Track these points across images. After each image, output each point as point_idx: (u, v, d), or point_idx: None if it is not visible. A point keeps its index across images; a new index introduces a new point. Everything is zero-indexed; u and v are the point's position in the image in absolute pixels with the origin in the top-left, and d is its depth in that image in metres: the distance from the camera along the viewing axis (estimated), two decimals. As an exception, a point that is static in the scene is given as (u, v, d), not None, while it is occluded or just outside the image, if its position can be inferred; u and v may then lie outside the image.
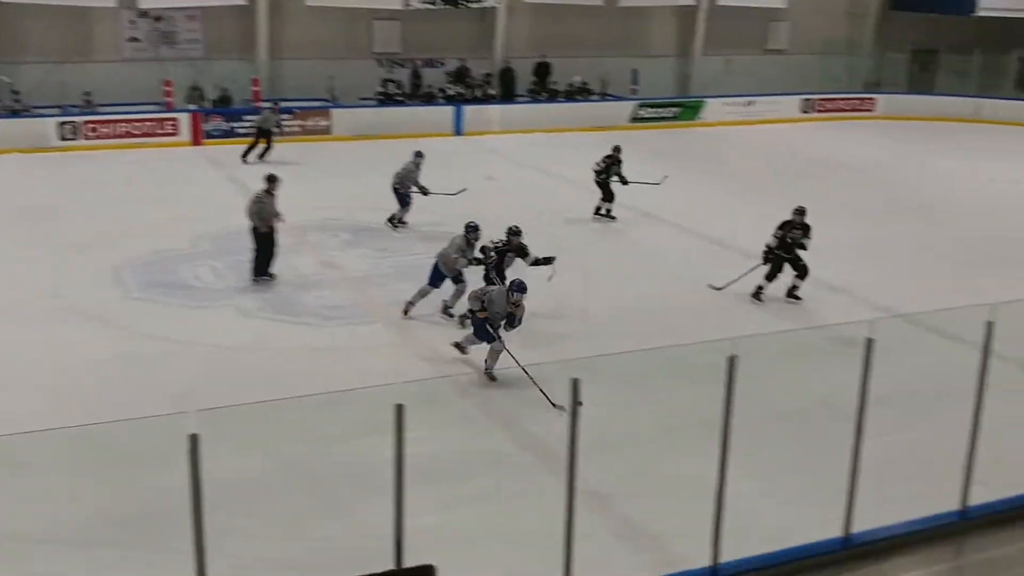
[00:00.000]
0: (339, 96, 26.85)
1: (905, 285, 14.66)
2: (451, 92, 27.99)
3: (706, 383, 7.40)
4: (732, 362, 6.80)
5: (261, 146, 22.75)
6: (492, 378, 10.93)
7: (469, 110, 27.18)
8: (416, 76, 28.13)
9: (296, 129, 24.14)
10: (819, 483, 8.43)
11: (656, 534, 8.27)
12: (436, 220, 17.14)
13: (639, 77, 30.00)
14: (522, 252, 12.92)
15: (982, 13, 31.25)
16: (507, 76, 28.81)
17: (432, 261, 13.04)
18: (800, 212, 13.98)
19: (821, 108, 31.21)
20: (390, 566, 6.17)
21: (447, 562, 6.42)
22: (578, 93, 29.24)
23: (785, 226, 13.92)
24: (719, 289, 14.11)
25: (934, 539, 7.88)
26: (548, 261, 12.95)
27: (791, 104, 30.78)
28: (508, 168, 22.93)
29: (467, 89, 28.11)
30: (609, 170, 18.28)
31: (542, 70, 29.18)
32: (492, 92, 28.53)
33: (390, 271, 15.14)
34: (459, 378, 11.12)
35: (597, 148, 25.28)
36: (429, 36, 28.21)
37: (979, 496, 8.19)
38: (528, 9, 29.00)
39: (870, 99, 32.04)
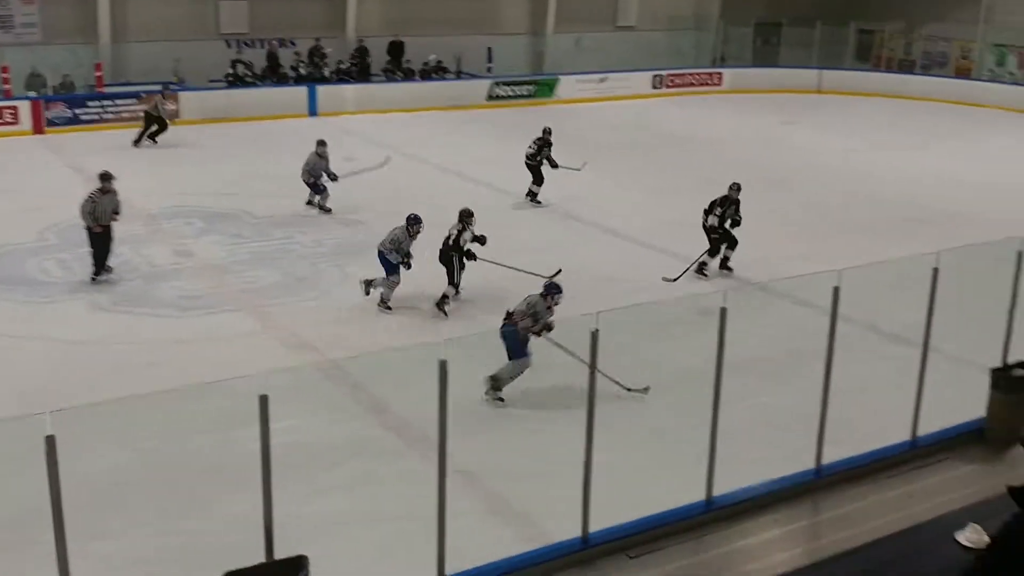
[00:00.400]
0: (186, 79, 26.09)
1: (757, 254, 15.13)
2: (304, 72, 27.51)
3: (569, 358, 7.53)
4: (594, 337, 6.93)
5: (148, 130, 22.32)
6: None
7: (323, 91, 26.74)
8: (272, 57, 27.49)
9: (142, 114, 23.29)
10: (683, 449, 8.67)
11: (528, 509, 8.39)
12: (304, 209, 17.10)
13: (493, 55, 30.09)
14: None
15: (821, -13, 32.42)
16: (361, 55, 28.48)
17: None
18: (737, 188, 14.48)
19: (671, 83, 31.85)
20: (262, 559, 6.10)
21: (320, 551, 6.38)
22: (434, 72, 29.12)
23: (724, 202, 14.41)
24: (673, 281, 14.02)
25: (792, 498, 8.21)
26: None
27: (642, 80, 31.31)
28: (368, 149, 22.63)
29: (316, 69, 27.65)
30: (540, 152, 18.09)
31: (396, 49, 28.95)
32: (351, 73, 28.14)
33: (247, 258, 14.85)
34: (323, 364, 11.01)
35: (455, 126, 25.42)
36: (278, 15, 27.62)
37: (832, 454, 8.57)
38: (380, -13, 28.77)
39: (717, 73, 32.84)
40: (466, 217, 12.81)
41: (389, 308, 12.75)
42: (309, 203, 17.31)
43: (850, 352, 9.32)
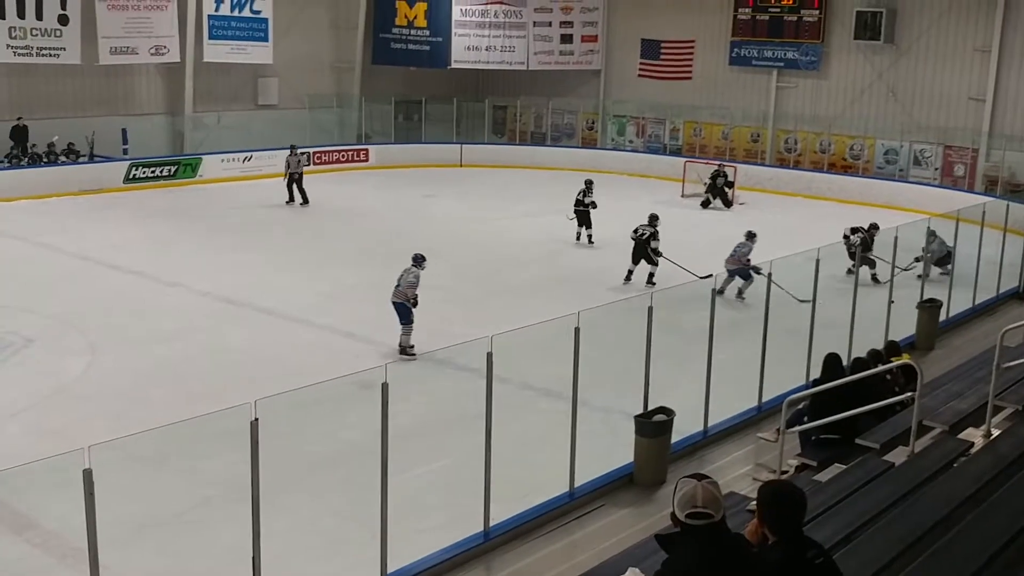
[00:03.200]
0: None
1: (415, 323, 15.36)
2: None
3: (232, 450, 7.28)
4: (254, 426, 6.75)
5: (297, 191, 25.70)
6: None
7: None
8: None
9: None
10: (356, 527, 8.60)
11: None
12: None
13: (128, 136, 28.85)
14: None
15: (455, 66, 33.90)
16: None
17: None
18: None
19: (319, 160, 31.92)
20: None
21: None
22: (65, 155, 27.49)
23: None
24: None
25: (464, 563, 8.34)
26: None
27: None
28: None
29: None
30: (587, 196, 21.70)
31: (19, 133, 27.06)
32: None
33: None
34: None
35: (92, 212, 24.01)
36: None
37: (500, 512, 8.81)
38: (-3, 69, 26.84)
39: (364, 150, 33.35)
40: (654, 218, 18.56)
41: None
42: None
43: (508, 410, 9.68)
